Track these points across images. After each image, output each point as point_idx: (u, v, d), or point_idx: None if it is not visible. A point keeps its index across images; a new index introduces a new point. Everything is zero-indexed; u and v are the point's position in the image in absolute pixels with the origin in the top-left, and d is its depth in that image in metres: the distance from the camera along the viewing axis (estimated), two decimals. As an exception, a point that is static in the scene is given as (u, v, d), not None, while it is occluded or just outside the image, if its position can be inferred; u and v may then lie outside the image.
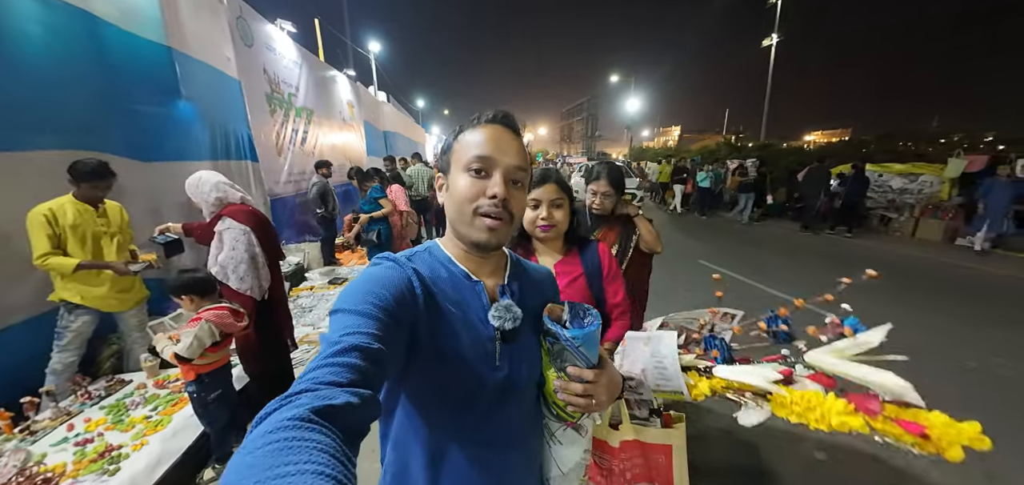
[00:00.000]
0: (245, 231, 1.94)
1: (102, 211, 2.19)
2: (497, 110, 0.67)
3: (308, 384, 0.40)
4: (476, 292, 0.65)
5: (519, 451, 0.71)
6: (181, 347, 1.57)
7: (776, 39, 20.47)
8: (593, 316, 0.66)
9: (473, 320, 0.63)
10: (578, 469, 0.77)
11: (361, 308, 0.51)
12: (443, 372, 0.61)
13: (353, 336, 0.47)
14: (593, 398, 0.64)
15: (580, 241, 1.25)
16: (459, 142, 0.65)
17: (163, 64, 3.06)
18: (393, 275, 0.58)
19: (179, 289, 1.73)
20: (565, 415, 0.71)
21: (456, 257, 0.67)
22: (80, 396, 2.11)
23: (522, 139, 0.67)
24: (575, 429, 0.74)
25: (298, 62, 5.95)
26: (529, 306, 0.68)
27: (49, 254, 1.93)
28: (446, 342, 0.60)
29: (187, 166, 3.29)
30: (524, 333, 0.67)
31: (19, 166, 2.17)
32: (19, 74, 2.20)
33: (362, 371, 0.44)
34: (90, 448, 1.74)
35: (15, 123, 2.17)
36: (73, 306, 2.08)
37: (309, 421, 0.35)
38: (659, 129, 74.60)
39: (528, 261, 0.80)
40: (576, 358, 0.63)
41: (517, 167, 0.62)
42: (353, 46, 17.30)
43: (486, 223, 0.61)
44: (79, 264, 1.97)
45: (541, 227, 1.17)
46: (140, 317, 2.42)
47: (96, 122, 2.60)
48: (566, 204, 1.19)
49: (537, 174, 1.18)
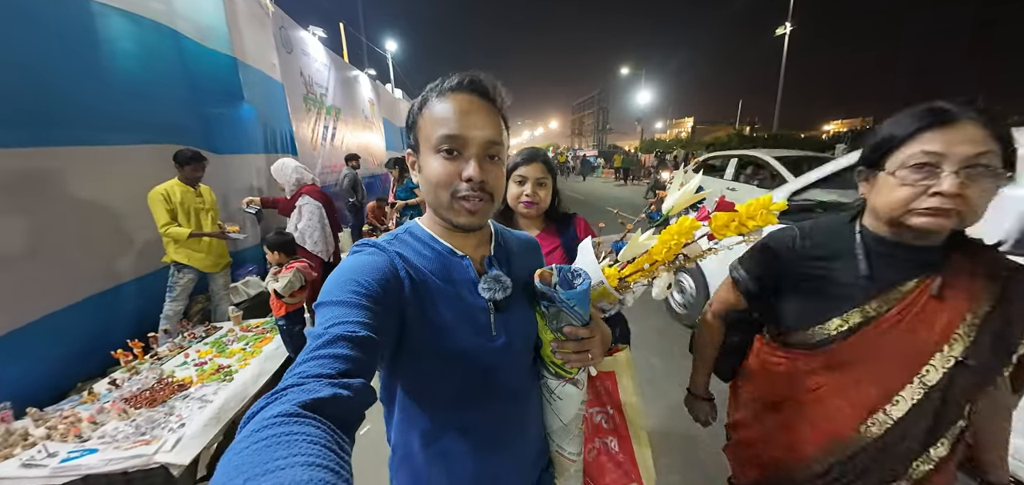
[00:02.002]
0: (318, 206, 2.49)
1: (198, 192, 2.75)
2: (465, 74, 0.60)
3: (294, 379, 0.40)
4: (463, 266, 0.65)
5: (522, 417, 0.72)
6: (280, 285, 2.11)
7: (790, 28, 20.29)
8: (582, 276, 0.67)
9: (464, 294, 0.63)
10: (578, 418, 0.81)
11: (345, 298, 0.50)
12: (442, 349, 0.60)
13: (338, 326, 0.46)
14: (589, 352, 0.66)
15: (559, 218, 1.31)
16: (424, 116, 0.60)
17: (230, 72, 3.64)
18: (375, 260, 0.57)
19: (274, 246, 2.27)
20: (564, 372, 0.75)
21: (439, 235, 0.66)
22: (187, 336, 2.70)
23: (496, 103, 0.61)
24: (573, 383, 0.77)
25: (327, 65, 6.52)
26: (517, 274, 0.68)
27: (169, 224, 2.50)
28: (441, 318, 0.59)
29: (248, 158, 3.89)
30: (515, 301, 0.67)
31: (129, 158, 2.75)
32: (123, 83, 2.76)
33: (350, 359, 0.43)
34: (206, 367, 2.30)
35: (124, 124, 2.74)
36: (181, 266, 2.66)
37: (296, 415, 0.34)
38: (672, 120, 73.66)
39: (511, 230, 0.80)
40: (572, 317, 0.65)
41: (491, 141, 0.58)
42: (370, 45, 17.96)
43: (466, 206, 0.59)
44: (190, 233, 2.54)
45: (525, 203, 1.21)
46: (225, 278, 3.01)
47: (181, 121, 3.18)
48: (550, 183, 1.24)
49: (524, 152, 1.24)
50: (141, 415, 1.88)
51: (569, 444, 0.81)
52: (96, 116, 2.51)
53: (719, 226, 0.78)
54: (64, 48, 2.36)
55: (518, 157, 1.26)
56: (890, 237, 0.75)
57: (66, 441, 1.75)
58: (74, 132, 2.37)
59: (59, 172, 2.29)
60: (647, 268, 0.85)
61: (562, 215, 1.31)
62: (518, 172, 1.23)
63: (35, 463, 1.64)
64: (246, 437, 0.33)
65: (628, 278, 0.86)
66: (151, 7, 2.99)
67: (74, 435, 1.77)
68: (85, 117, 2.43)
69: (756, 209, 0.77)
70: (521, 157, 1.25)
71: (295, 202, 2.47)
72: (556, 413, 0.79)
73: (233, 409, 1.97)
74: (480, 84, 0.59)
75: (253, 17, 4.12)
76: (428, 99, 0.60)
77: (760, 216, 0.76)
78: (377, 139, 9.27)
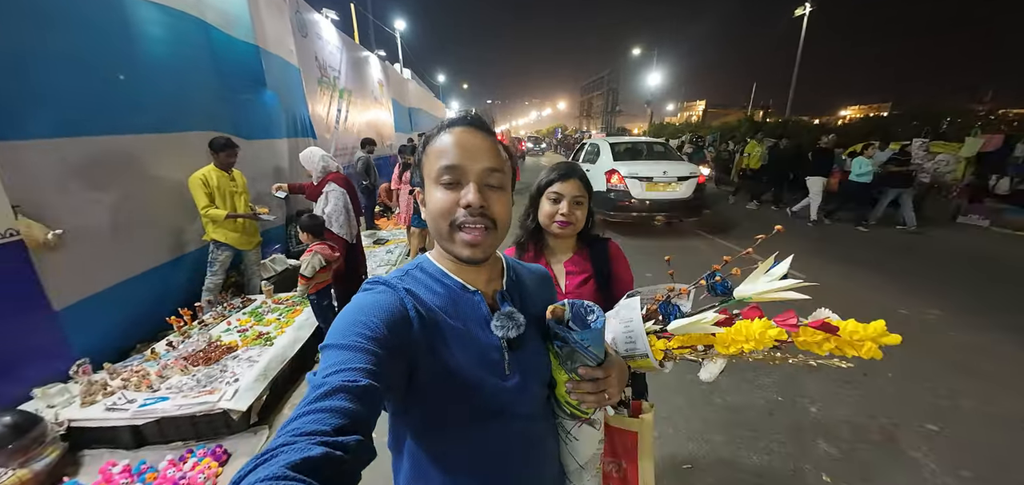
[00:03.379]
0: (343, 192, 2.74)
1: (232, 176, 3.01)
2: (463, 112, 0.64)
3: (286, 437, 0.38)
4: (475, 303, 0.63)
5: (538, 460, 0.70)
6: (304, 268, 2.38)
7: (809, 8, 19.69)
8: (596, 312, 0.65)
9: (475, 332, 0.62)
10: (595, 458, 0.79)
11: (350, 342, 0.49)
12: (453, 390, 0.58)
13: (339, 375, 0.45)
14: (606, 392, 0.65)
15: (591, 240, 1.22)
16: (427, 153, 0.62)
17: (253, 60, 3.83)
18: (384, 300, 0.56)
19: (305, 228, 2.54)
20: (579, 413, 0.72)
21: (449, 270, 0.65)
22: (226, 306, 3.01)
23: (495, 137, 0.64)
24: (589, 424, 0.75)
25: (339, 47, 6.62)
26: (530, 309, 0.67)
27: (208, 206, 2.77)
28: (452, 358, 0.58)
29: (273, 143, 4.13)
30: (529, 338, 0.65)
31: (174, 144, 2.99)
32: (167, 75, 2.97)
33: (348, 414, 0.42)
34: (248, 333, 2.61)
35: (170, 113, 2.97)
36: (220, 243, 2.95)
37: (284, 479, 0.33)
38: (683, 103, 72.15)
39: (522, 263, 0.79)
40: (586, 358, 0.63)
41: (490, 169, 0.59)
42: (378, 23, 17.84)
43: (465, 238, 0.59)
44: (227, 214, 2.81)
45: (559, 223, 1.12)
46: (256, 255, 3.31)
47: (213, 109, 3.40)
48: (586, 202, 1.15)
49: (560, 168, 1.15)
50: (201, 371, 2.20)
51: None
52: (147, 106, 2.75)
53: (808, 341, 0.70)
54: (116, 45, 2.58)
55: (553, 172, 1.16)
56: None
57: (140, 391, 2.07)
58: (131, 120, 2.62)
59: (119, 157, 2.56)
60: (701, 349, 0.79)
61: (595, 238, 1.22)
62: (553, 189, 1.14)
63: (117, 407, 1.97)
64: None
65: (675, 349, 0.80)
66: None
67: (146, 386, 2.09)
68: (137, 106, 2.68)
69: (864, 336, 0.66)
70: (557, 172, 1.15)
71: (322, 188, 2.72)
72: (572, 454, 0.76)
73: (276, 369, 2.28)
74: (478, 119, 0.63)
75: (272, 4, 4.28)
76: (430, 138, 0.63)
77: (867, 348, 0.66)
78: (387, 118, 9.42)
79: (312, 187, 2.84)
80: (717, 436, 2.07)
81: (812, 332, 0.69)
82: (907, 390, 2.42)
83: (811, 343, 0.70)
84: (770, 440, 2.05)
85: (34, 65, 2.13)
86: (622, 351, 0.81)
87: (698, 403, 2.30)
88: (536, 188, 1.19)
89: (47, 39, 2.19)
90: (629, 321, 0.81)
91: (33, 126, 2.12)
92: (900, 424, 2.14)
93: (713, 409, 2.27)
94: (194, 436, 1.97)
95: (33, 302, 2.08)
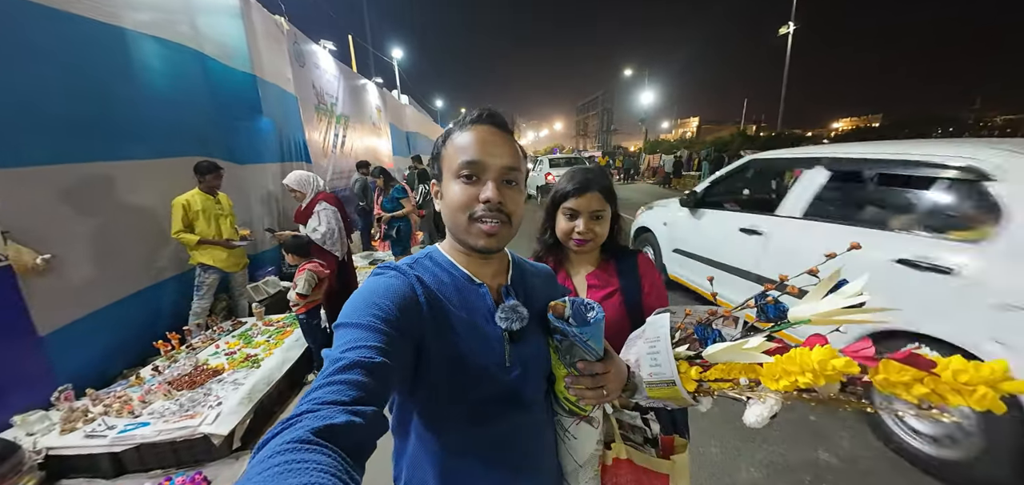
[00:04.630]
0: (334, 211, 2.76)
1: (218, 199, 3.04)
2: (484, 108, 0.65)
3: (309, 405, 0.40)
4: (480, 294, 0.65)
5: (535, 452, 0.71)
6: (301, 287, 2.38)
7: (793, 27, 20.32)
8: (595, 309, 0.65)
9: (480, 323, 0.63)
10: (593, 459, 0.77)
11: (364, 321, 0.51)
12: (455, 377, 0.60)
13: (355, 351, 0.47)
14: (604, 389, 0.66)
15: (618, 251, 1.10)
16: (447, 147, 0.64)
17: (250, 88, 3.94)
18: (396, 284, 0.58)
19: (290, 248, 2.55)
20: (577, 410, 0.72)
21: (458, 261, 0.67)
22: (216, 329, 2.99)
23: (513, 136, 0.65)
24: (587, 422, 0.74)
25: (337, 75, 6.83)
26: (533, 305, 0.68)
27: (181, 231, 2.78)
28: (456, 346, 0.60)
29: (266, 167, 4.19)
30: (530, 332, 0.66)
31: (165, 169, 3.03)
32: (161, 103, 3.04)
33: (365, 387, 0.44)
34: (235, 356, 2.58)
35: (162, 139, 3.02)
36: (207, 266, 2.95)
37: (308, 443, 0.35)
38: (677, 120, 73.41)
39: (527, 260, 0.80)
40: (585, 352, 0.64)
41: (509, 167, 0.61)
42: (376, 53, 18.40)
43: (483, 229, 0.60)
44: (200, 239, 2.82)
45: (577, 241, 1.02)
46: (243, 277, 3.31)
47: (207, 134, 3.46)
48: (608, 214, 1.03)
49: (578, 179, 1.02)
50: (184, 395, 2.17)
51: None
52: (140, 133, 2.81)
53: (891, 381, 0.52)
54: (112, 74, 2.66)
55: (568, 184, 1.03)
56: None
57: (121, 416, 2.03)
58: (124, 148, 2.67)
59: (111, 182, 2.59)
60: (744, 383, 0.64)
61: (622, 250, 1.10)
62: (569, 204, 1.02)
63: (97, 434, 1.93)
64: (258, 463, 0.34)
65: (711, 382, 0.68)
66: (180, 31, 3.29)
67: (128, 411, 2.06)
68: (131, 134, 2.73)
69: (975, 379, 0.48)
70: (573, 184, 1.02)
71: (313, 208, 2.74)
72: (570, 452, 0.75)
73: (261, 391, 2.24)
74: (499, 117, 0.64)
75: (269, 36, 4.43)
76: (451, 133, 0.65)
77: (980, 395, 0.47)
78: (384, 144, 9.60)
79: (299, 211, 2.87)
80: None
81: (897, 368, 0.52)
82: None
83: (896, 383, 0.52)
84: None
85: (28, 94, 2.19)
86: (645, 376, 0.72)
87: (733, 452, 1.87)
88: (551, 200, 1.08)
89: (42, 70, 2.26)
90: (656, 340, 0.72)
91: (25, 153, 2.16)
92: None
93: (757, 467, 1.86)
94: (175, 463, 1.92)
95: (19, 328, 2.07)
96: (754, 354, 0.63)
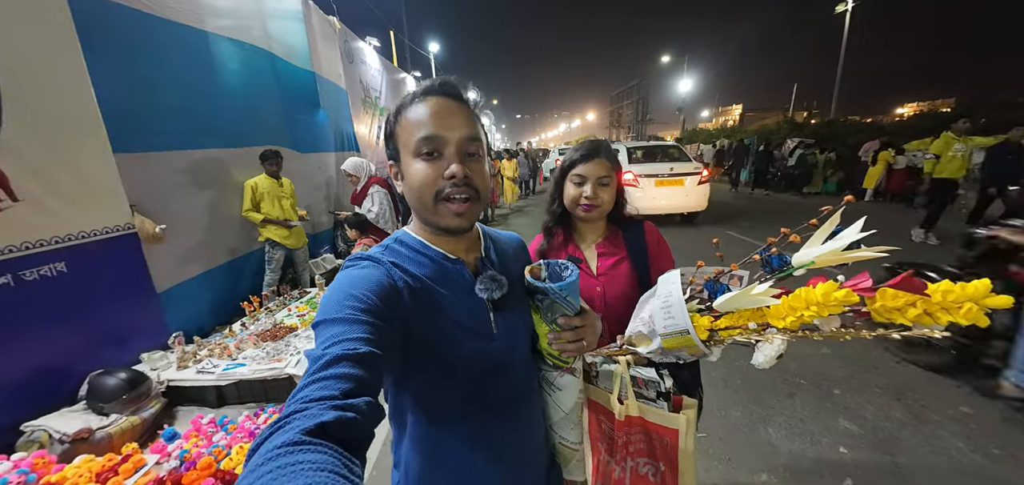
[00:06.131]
0: (386, 193, 3.11)
1: (280, 182, 3.47)
2: (435, 78, 0.62)
3: (297, 405, 0.39)
4: (458, 270, 0.65)
5: (527, 410, 0.74)
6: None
7: (851, 4, 18.68)
8: (570, 268, 0.70)
9: (462, 297, 0.64)
10: (577, 407, 0.82)
11: (343, 315, 0.49)
12: (446, 354, 0.60)
13: (338, 345, 0.45)
14: (583, 340, 0.69)
15: (624, 220, 1.14)
16: (401, 123, 0.61)
17: (310, 84, 4.38)
18: (372, 274, 0.56)
19: (351, 224, 2.90)
20: (561, 362, 0.77)
21: (429, 241, 0.65)
22: (287, 297, 3.44)
23: (469, 104, 0.63)
24: (570, 373, 0.80)
25: (380, 70, 7.24)
26: (509, 274, 0.69)
27: (249, 209, 3.23)
28: (442, 323, 0.60)
29: (323, 156, 4.64)
30: (511, 299, 0.68)
31: (244, 156, 3.50)
32: (245, 99, 3.51)
33: (354, 379, 0.43)
34: (305, 317, 2.99)
35: (241, 131, 3.49)
36: (275, 243, 3.40)
37: (301, 443, 0.34)
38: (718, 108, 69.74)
39: (495, 230, 0.81)
40: (565, 308, 0.68)
41: (468, 138, 0.59)
42: (415, 48, 19.06)
43: (452, 209, 0.59)
44: (264, 219, 3.25)
45: (584, 206, 1.06)
46: (305, 254, 3.76)
47: (276, 126, 3.92)
48: (613, 182, 1.07)
49: (586, 147, 1.08)
50: (268, 345, 2.57)
51: (570, 433, 0.83)
52: (223, 126, 3.28)
53: (888, 307, 0.57)
54: (205, 74, 3.12)
55: (576, 153, 1.09)
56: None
57: (222, 358, 2.46)
58: (215, 137, 3.15)
59: (208, 167, 3.08)
60: (753, 327, 0.69)
61: (628, 219, 1.14)
62: (576, 171, 1.07)
63: (206, 371, 2.35)
64: (251, 470, 0.33)
65: (722, 331, 0.73)
66: (254, 35, 3.74)
67: (227, 355, 2.48)
68: (217, 126, 3.21)
69: (962, 297, 0.53)
70: (580, 152, 1.08)
71: (367, 191, 3.09)
72: (557, 404, 0.80)
73: (329, 345, 2.61)
74: (451, 86, 0.61)
75: (324, 35, 4.85)
76: (403, 107, 0.62)
77: (966, 310, 0.53)
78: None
79: (355, 194, 3.23)
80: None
81: (893, 294, 0.57)
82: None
83: (892, 308, 0.57)
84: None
85: (148, 92, 2.65)
86: (659, 329, 0.76)
87: (758, 420, 1.92)
88: (559, 170, 1.13)
89: (158, 71, 2.72)
90: (668, 296, 0.76)
91: (147, 141, 2.63)
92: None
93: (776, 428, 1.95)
94: (264, 398, 2.32)
95: (143, 284, 2.54)
96: (762, 298, 0.67)
